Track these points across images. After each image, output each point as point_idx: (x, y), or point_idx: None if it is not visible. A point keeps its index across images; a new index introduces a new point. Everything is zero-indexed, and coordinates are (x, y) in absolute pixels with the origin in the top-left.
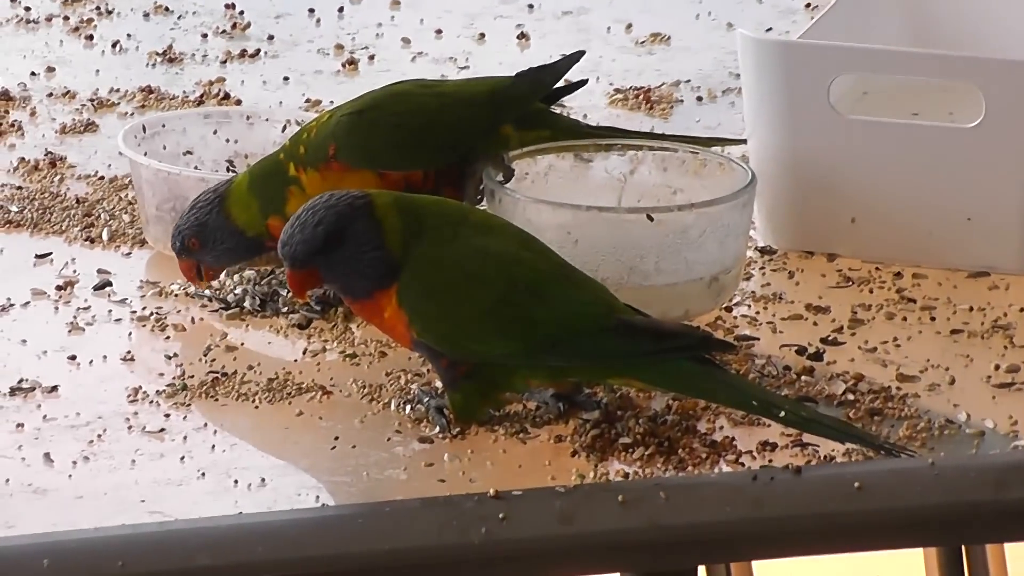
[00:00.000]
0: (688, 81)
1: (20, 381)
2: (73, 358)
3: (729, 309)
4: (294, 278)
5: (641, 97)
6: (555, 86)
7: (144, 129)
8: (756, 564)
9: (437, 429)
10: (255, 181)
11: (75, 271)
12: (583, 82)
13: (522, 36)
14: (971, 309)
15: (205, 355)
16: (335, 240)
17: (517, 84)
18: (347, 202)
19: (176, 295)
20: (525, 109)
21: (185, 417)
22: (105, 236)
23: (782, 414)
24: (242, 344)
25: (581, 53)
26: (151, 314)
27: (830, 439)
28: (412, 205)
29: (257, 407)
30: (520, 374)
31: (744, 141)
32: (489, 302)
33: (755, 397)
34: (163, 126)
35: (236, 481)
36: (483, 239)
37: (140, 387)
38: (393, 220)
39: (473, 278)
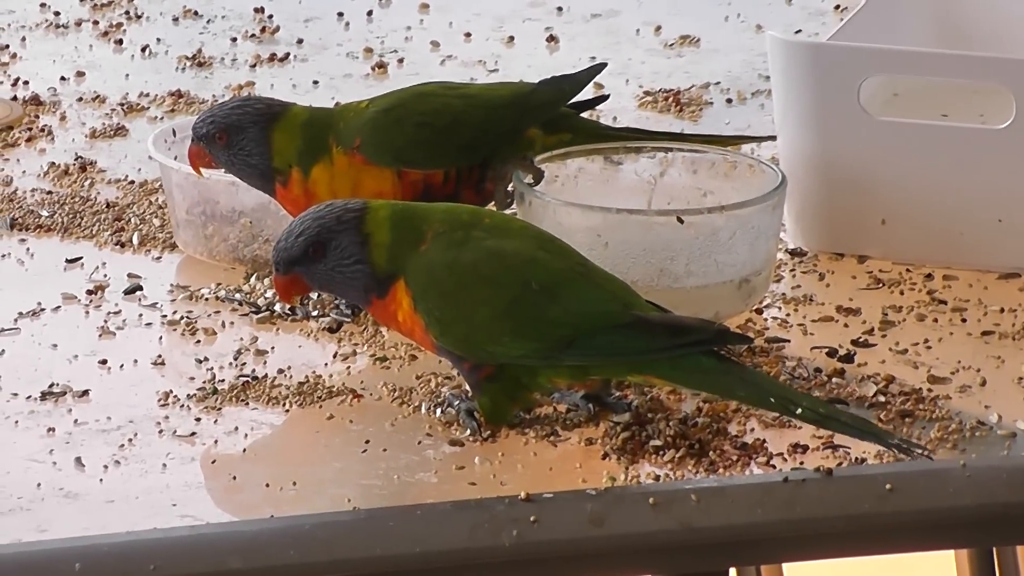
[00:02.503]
0: (718, 83)
1: (51, 385)
2: (104, 362)
3: (759, 311)
4: (277, 282)
5: (671, 99)
6: (576, 97)
7: (174, 133)
8: (787, 566)
9: (468, 432)
10: (308, 124)
11: (105, 275)
12: (605, 97)
13: (551, 39)
14: (1002, 310)
15: (236, 359)
16: (317, 252)
17: (539, 92)
18: (336, 215)
19: (207, 299)
20: (547, 117)
21: (216, 421)
22: (135, 240)
23: (799, 411)
24: (272, 348)
25: (603, 65)
26: (182, 318)
27: (847, 435)
28: (413, 215)
29: (288, 411)
30: (544, 374)
31: (770, 138)
32: (503, 303)
33: (773, 394)
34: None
35: (267, 484)
36: (496, 241)
37: (171, 391)
38: (382, 235)
39: (487, 280)
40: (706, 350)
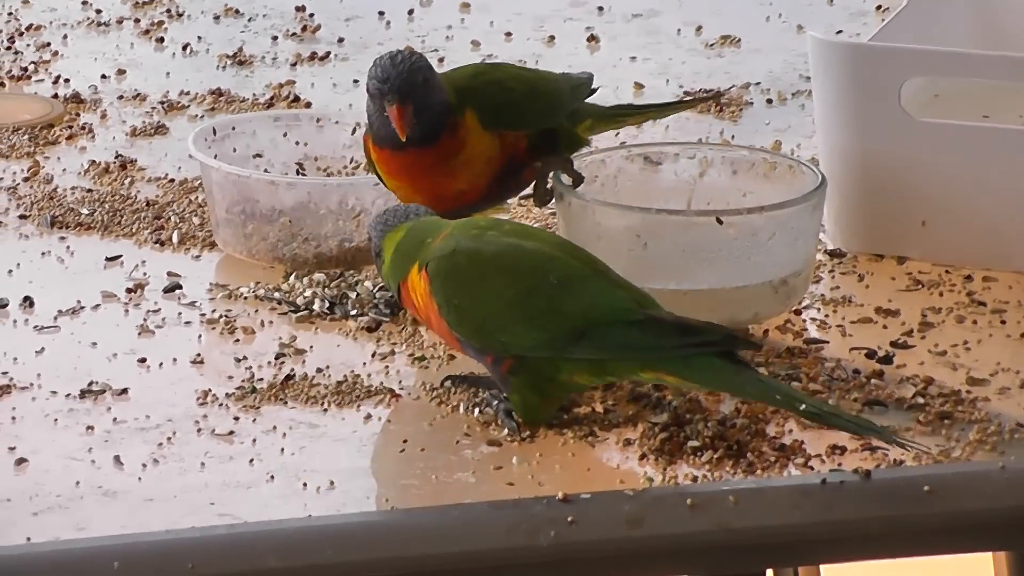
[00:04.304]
0: (758, 83)
1: (90, 383)
2: (143, 361)
3: (798, 312)
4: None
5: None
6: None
7: (214, 132)
8: (824, 567)
9: (506, 432)
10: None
11: (145, 274)
12: (595, 89)
13: (592, 39)
14: None
15: (275, 358)
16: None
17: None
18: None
19: (246, 298)
20: (583, 98)
21: (254, 420)
22: (175, 239)
23: (803, 407)
24: (311, 347)
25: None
26: (220, 317)
27: (848, 432)
28: (424, 229)
29: (326, 410)
30: (565, 369)
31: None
32: (519, 293)
33: (779, 392)
34: (233, 129)
35: (305, 484)
36: (516, 239)
37: (209, 390)
38: (388, 254)
39: (506, 270)
40: (719, 352)
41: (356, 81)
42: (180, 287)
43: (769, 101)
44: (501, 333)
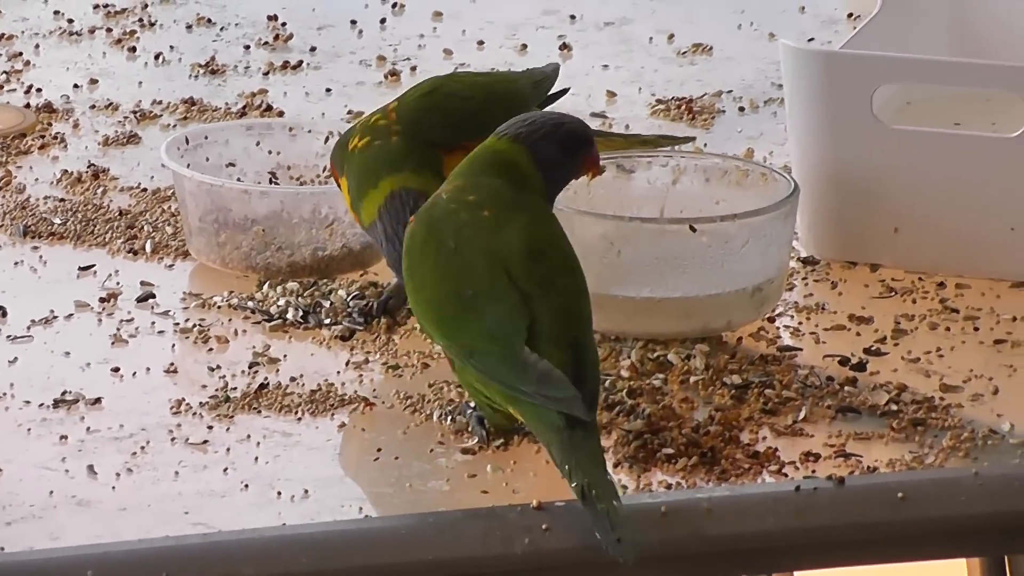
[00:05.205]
0: (730, 91)
1: (64, 393)
2: (116, 370)
3: (772, 319)
4: None
5: (683, 108)
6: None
7: (187, 141)
8: (798, 574)
9: (476, 440)
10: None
11: (118, 283)
12: (566, 90)
13: (564, 47)
14: (1014, 319)
15: (249, 367)
16: None
17: (546, 76)
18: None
19: (219, 307)
20: (548, 92)
21: (228, 429)
22: (148, 248)
23: (573, 484)
24: (285, 356)
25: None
26: (194, 326)
27: (597, 525)
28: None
29: (300, 419)
30: (483, 384)
31: (691, 139)
32: (437, 294)
33: (569, 463)
34: (206, 138)
35: (279, 492)
36: (477, 231)
37: (183, 399)
38: None
39: (435, 266)
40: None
41: (329, 90)
42: (153, 296)
43: (741, 109)
44: (423, 320)
